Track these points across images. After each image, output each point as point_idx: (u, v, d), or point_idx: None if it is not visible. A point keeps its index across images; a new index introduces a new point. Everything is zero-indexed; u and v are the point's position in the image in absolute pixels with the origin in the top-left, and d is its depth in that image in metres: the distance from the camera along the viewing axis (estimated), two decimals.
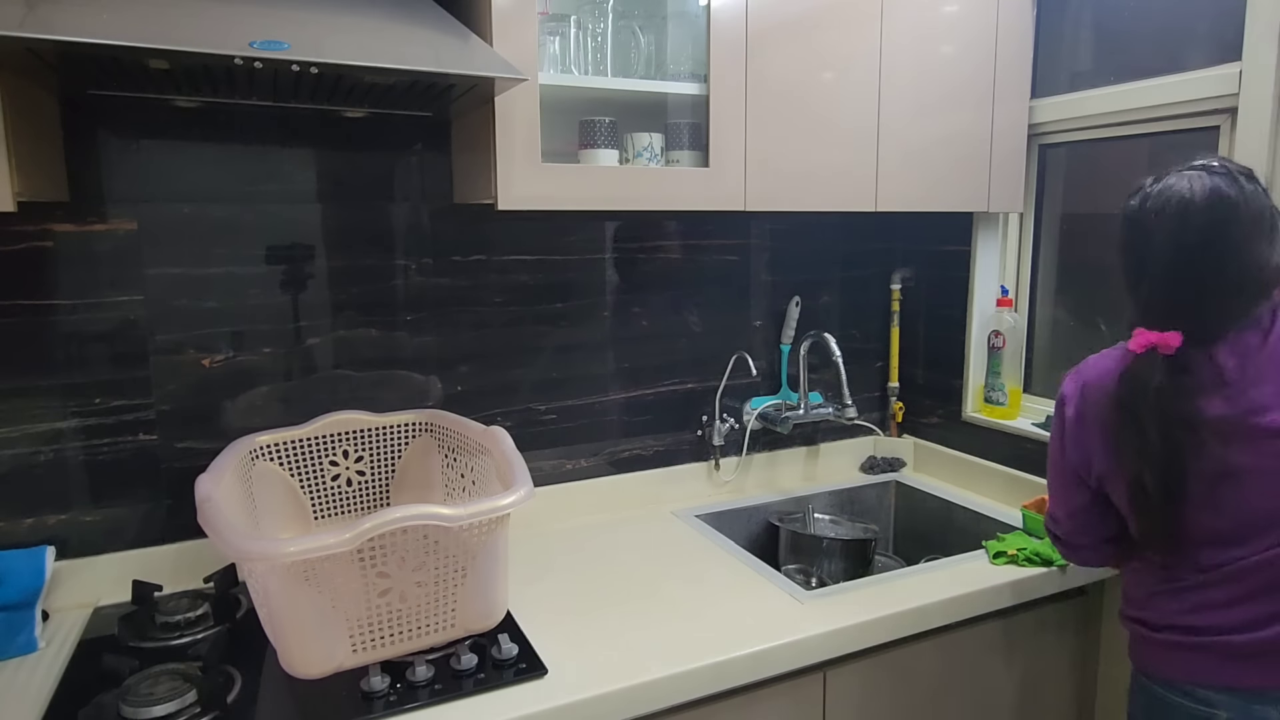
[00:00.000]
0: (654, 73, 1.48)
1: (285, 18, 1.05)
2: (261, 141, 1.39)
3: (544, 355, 1.66)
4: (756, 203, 1.49)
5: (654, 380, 1.78)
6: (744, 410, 1.86)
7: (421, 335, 1.54)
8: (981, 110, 1.70)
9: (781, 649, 1.19)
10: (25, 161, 1.06)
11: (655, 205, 1.41)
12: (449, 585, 1.11)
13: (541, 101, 1.29)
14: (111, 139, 1.30)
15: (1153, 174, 1.10)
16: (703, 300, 1.80)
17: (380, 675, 1.07)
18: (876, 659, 1.30)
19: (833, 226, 1.93)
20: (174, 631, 1.22)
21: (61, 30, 0.89)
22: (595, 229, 1.67)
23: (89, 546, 1.35)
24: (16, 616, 1.20)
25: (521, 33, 1.26)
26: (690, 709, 1.15)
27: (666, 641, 1.19)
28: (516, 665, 1.12)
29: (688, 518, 1.70)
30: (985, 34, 1.68)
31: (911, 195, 1.63)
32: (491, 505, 1.07)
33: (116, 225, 1.32)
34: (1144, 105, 1.59)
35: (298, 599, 1.01)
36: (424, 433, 1.48)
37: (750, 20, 1.43)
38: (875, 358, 2.06)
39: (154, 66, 1.04)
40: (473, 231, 1.56)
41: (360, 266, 1.48)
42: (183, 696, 1.03)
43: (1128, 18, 1.66)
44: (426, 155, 1.51)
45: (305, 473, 1.41)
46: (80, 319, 1.31)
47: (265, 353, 1.43)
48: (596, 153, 1.41)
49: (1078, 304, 1.82)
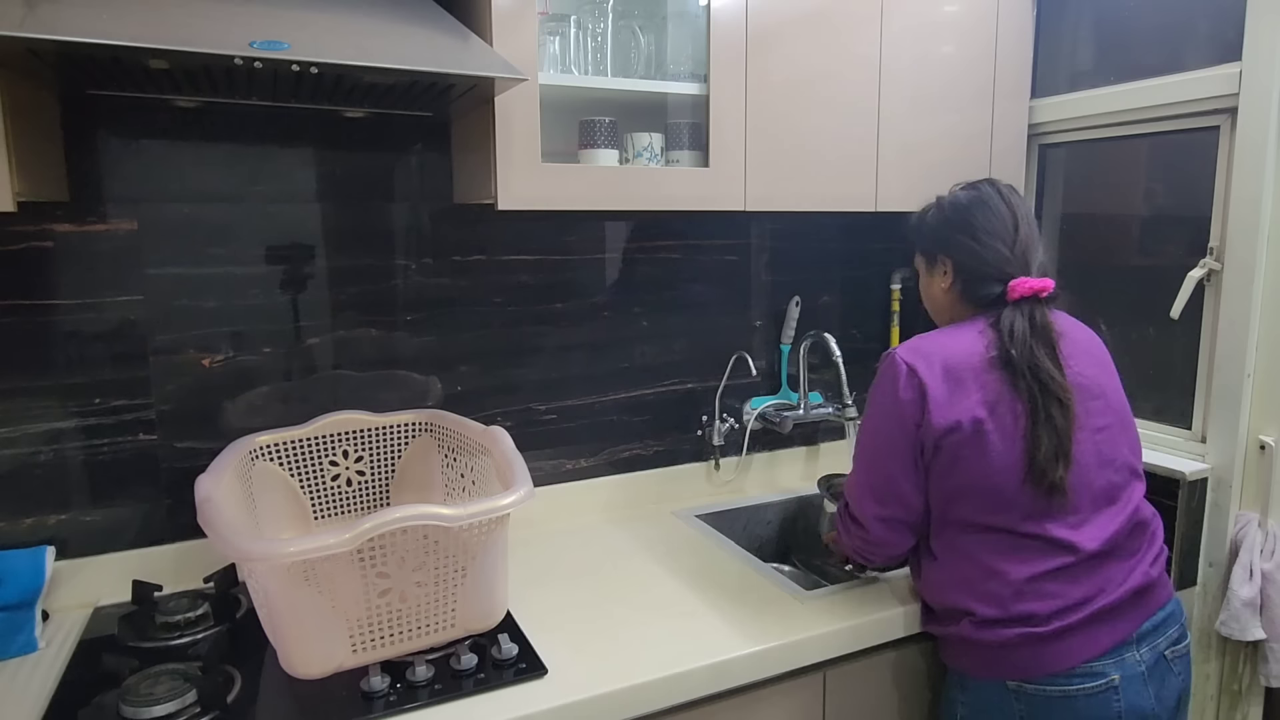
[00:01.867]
0: (654, 73, 1.48)
1: (285, 18, 1.05)
2: (261, 141, 1.39)
3: (544, 355, 1.66)
4: (756, 203, 1.49)
5: (654, 380, 1.77)
6: (744, 410, 1.86)
7: (421, 335, 1.54)
8: (981, 110, 1.70)
9: (781, 649, 1.19)
10: (25, 161, 1.06)
11: (655, 205, 1.41)
12: (449, 585, 1.11)
13: (541, 101, 1.29)
14: (111, 139, 1.30)
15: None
16: (703, 300, 1.80)
17: (380, 675, 1.07)
18: (876, 659, 1.30)
19: (833, 226, 1.93)
20: (174, 631, 1.22)
21: (61, 30, 0.89)
22: (595, 229, 1.67)
23: (89, 546, 1.35)
24: (16, 616, 1.20)
25: (521, 33, 1.26)
26: (690, 709, 1.15)
27: (666, 641, 1.19)
28: (516, 665, 1.12)
29: (688, 518, 1.70)
30: (985, 34, 1.68)
31: (912, 195, 1.63)
32: (491, 505, 1.07)
33: (116, 225, 1.32)
34: (1144, 105, 1.59)
35: (298, 599, 1.01)
36: (424, 433, 1.48)
37: (750, 20, 1.43)
38: (875, 358, 2.05)
39: (154, 66, 1.04)
40: (473, 231, 1.56)
41: (360, 266, 1.48)
42: (183, 696, 1.03)
43: (1128, 18, 1.66)
44: (426, 155, 1.51)
45: (305, 473, 1.41)
46: (80, 319, 1.31)
47: (265, 353, 1.43)
48: (596, 153, 1.41)
49: (1077, 303, 1.82)
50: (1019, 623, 1.12)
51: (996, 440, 1.12)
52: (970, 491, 1.15)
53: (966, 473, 1.14)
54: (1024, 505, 1.13)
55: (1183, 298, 1.53)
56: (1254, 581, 1.43)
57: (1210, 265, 1.50)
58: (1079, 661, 1.11)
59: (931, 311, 1.34)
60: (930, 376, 1.15)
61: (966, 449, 1.13)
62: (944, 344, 1.18)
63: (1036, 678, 1.12)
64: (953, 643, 1.21)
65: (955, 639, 1.19)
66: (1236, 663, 1.50)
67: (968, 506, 1.16)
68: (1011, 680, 1.14)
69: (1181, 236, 1.59)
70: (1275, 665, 1.42)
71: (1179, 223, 1.60)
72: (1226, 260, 1.47)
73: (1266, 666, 1.43)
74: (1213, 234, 1.51)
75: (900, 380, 1.16)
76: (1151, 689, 1.14)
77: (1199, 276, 1.51)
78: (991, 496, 1.14)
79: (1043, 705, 1.12)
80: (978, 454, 1.13)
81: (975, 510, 1.15)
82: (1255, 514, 1.46)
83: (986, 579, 1.14)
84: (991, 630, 1.13)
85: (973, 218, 1.23)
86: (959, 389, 1.14)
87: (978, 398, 1.13)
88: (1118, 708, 1.12)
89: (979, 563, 1.15)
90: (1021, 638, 1.12)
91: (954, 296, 1.26)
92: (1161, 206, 1.66)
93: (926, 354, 1.17)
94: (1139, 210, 1.69)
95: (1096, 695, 1.11)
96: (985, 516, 1.15)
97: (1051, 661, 1.12)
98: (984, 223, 1.22)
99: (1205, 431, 1.55)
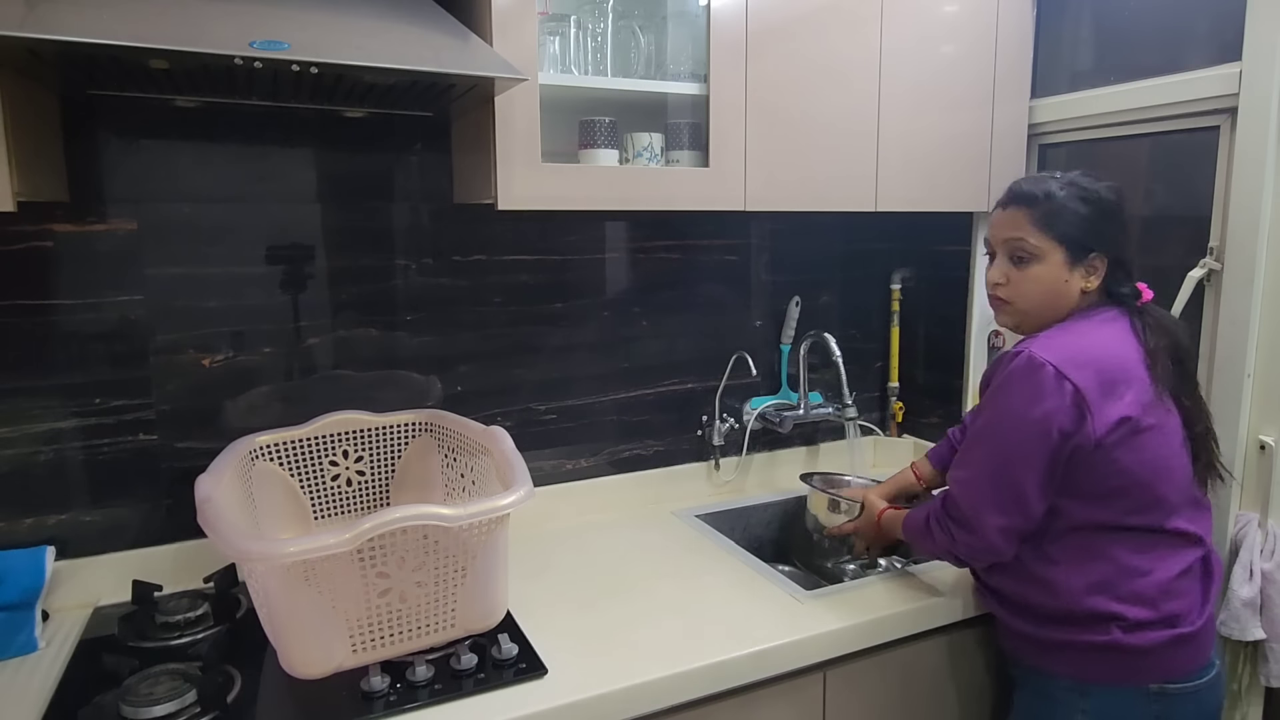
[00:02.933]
0: (654, 73, 1.48)
1: (285, 18, 1.05)
2: (261, 141, 1.39)
3: (544, 355, 1.66)
4: (756, 203, 1.49)
5: (654, 380, 1.77)
6: (744, 410, 1.86)
7: (421, 335, 1.54)
8: (981, 110, 1.70)
9: (781, 649, 1.19)
10: (25, 161, 1.06)
11: (655, 205, 1.41)
12: (449, 585, 1.11)
13: (541, 101, 1.29)
14: (111, 139, 1.30)
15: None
16: (703, 300, 1.80)
17: (380, 675, 1.07)
18: (876, 659, 1.30)
19: (833, 226, 1.93)
20: (174, 631, 1.22)
21: (62, 30, 0.89)
22: (595, 229, 1.67)
23: (89, 546, 1.35)
24: (16, 616, 1.20)
25: (521, 33, 1.26)
26: (690, 709, 1.15)
27: (666, 641, 1.19)
28: (516, 665, 1.12)
29: (688, 518, 1.70)
30: (985, 34, 1.67)
31: (911, 195, 1.63)
32: (491, 505, 1.07)
33: (116, 225, 1.32)
34: (1144, 105, 1.59)
35: (298, 599, 1.01)
36: (424, 433, 1.48)
37: (750, 20, 1.43)
38: (875, 358, 2.06)
39: (154, 66, 1.04)
40: (473, 231, 1.56)
41: (360, 266, 1.48)
42: (183, 696, 1.03)
43: (1128, 18, 1.66)
44: (426, 155, 1.51)
45: (305, 473, 1.41)
46: (80, 319, 1.31)
47: (265, 353, 1.43)
48: (596, 153, 1.41)
49: None
50: (1168, 624, 1.11)
51: (1154, 437, 1.11)
52: (1124, 492, 1.12)
53: (1123, 474, 1.11)
54: (1172, 502, 1.13)
55: (1183, 298, 1.53)
56: (1254, 581, 1.42)
57: (1210, 265, 1.50)
58: (1210, 656, 1.14)
59: (1040, 304, 1.20)
60: (1084, 381, 1.09)
61: (1122, 450, 1.10)
62: (1091, 344, 1.13)
63: (1178, 677, 1.12)
64: (1080, 648, 1.15)
65: (1088, 644, 1.14)
66: (1236, 663, 1.50)
67: (1116, 508, 1.12)
68: (1154, 683, 1.12)
69: (1181, 236, 1.59)
70: (1275, 665, 1.42)
71: (1179, 223, 1.60)
72: (1226, 260, 1.47)
73: (1266, 666, 1.43)
74: (1213, 234, 1.51)
75: (1047, 386, 1.09)
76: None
77: (1199, 276, 1.51)
78: (1147, 494, 1.12)
79: (1178, 703, 1.13)
80: (1134, 453, 1.10)
81: (1123, 511, 1.12)
82: (1255, 514, 1.46)
83: (1129, 579, 1.12)
84: (1141, 634, 1.11)
85: (1125, 215, 1.19)
86: (1113, 391, 1.10)
87: (1131, 398, 1.10)
88: (1221, 692, 1.17)
89: (1119, 563, 1.12)
90: (1171, 639, 1.11)
91: (1090, 295, 1.19)
92: (1161, 206, 1.66)
93: (1074, 357, 1.11)
94: (1139, 210, 1.69)
95: (1213, 685, 1.14)
96: (1132, 517, 1.12)
97: (1192, 659, 1.13)
98: (1130, 223, 1.20)
99: None
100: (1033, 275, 1.18)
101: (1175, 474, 1.14)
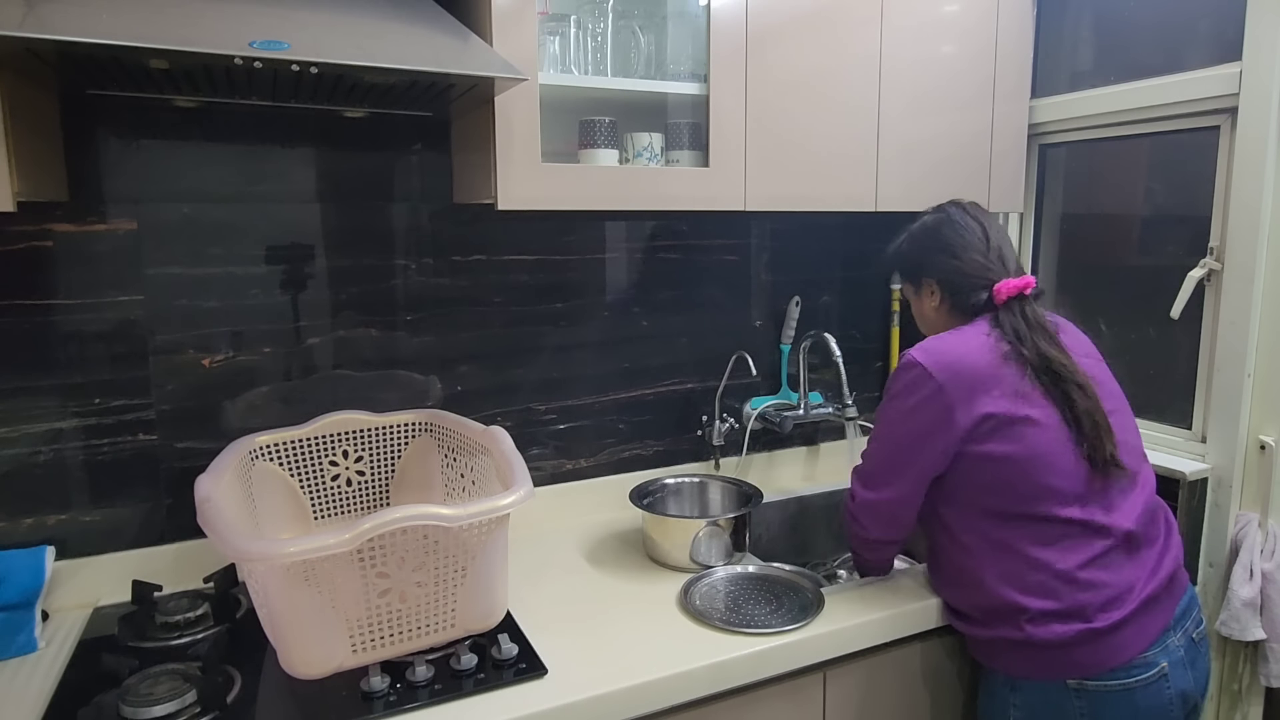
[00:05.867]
0: (654, 73, 1.48)
1: (285, 18, 1.05)
2: (261, 141, 1.39)
3: (544, 355, 1.66)
4: (756, 203, 1.49)
5: (654, 380, 1.77)
6: (744, 410, 1.86)
7: (421, 335, 1.54)
8: (981, 110, 1.70)
9: (781, 649, 1.19)
10: (25, 161, 1.06)
11: (655, 205, 1.41)
12: (449, 585, 1.11)
13: (541, 101, 1.29)
14: (111, 139, 1.30)
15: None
16: (703, 300, 1.80)
17: (380, 675, 1.07)
18: (876, 659, 1.30)
19: (833, 226, 1.93)
20: (174, 631, 1.22)
21: (61, 30, 0.89)
22: (595, 229, 1.67)
23: (89, 546, 1.35)
24: (16, 616, 1.20)
25: (521, 33, 1.26)
26: (690, 709, 1.15)
27: (666, 641, 1.19)
28: (516, 665, 1.12)
29: None
30: (985, 34, 1.68)
31: (912, 195, 1.63)
32: (491, 505, 1.07)
33: (116, 225, 1.32)
34: (1144, 105, 1.59)
35: (297, 599, 1.01)
36: (424, 433, 1.48)
37: (750, 20, 1.43)
38: (875, 358, 2.06)
39: (154, 66, 1.04)
40: (473, 231, 1.56)
41: (360, 266, 1.48)
42: (182, 697, 1.03)
43: (1128, 18, 1.66)
44: (426, 155, 1.51)
45: (305, 473, 1.41)
46: (80, 319, 1.31)
47: (265, 353, 1.43)
48: (596, 153, 1.41)
49: (1077, 303, 1.82)
50: (1075, 617, 1.12)
51: (1029, 429, 1.14)
52: (1007, 482, 1.15)
53: (1001, 464, 1.15)
54: (1065, 491, 1.14)
55: (1183, 298, 1.53)
56: (1254, 581, 1.43)
57: (1210, 265, 1.50)
58: (1136, 653, 1.13)
59: (927, 332, 1.36)
60: (947, 378, 1.17)
61: (995, 442, 1.15)
62: (954, 346, 1.20)
63: (1097, 674, 1.13)
64: (1002, 645, 1.19)
65: (1006, 641, 1.18)
66: (1236, 663, 1.50)
67: (1005, 496, 1.16)
68: (1072, 679, 1.14)
69: (1181, 236, 1.59)
70: (1275, 665, 1.42)
71: (1179, 223, 1.60)
72: (1226, 260, 1.47)
73: (1266, 666, 1.43)
74: (1213, 234, 1.51)
75: (917, 382, 1.19)
76: (1190, 671, 1.16)
77: (1199, 276, 1.51)
78: (1029, 484, 1.14)
79: (1103, 701, 1.13)
80: (1009, 444, 1.14)
81: (1013, 500, 1.16)
82: (1255, 514, 1.46)
83: (1033, 570, 1.14)
84: (1047, 626, 1.13)
85: (944, 236, 1.30)
86: (978, 387, 1.16)
87: (998, 391, 1.15)
88: (1169, 694, 1.14)
89: (1024, 554, 1.15)
90: (1080, 634, 1.12)
91: (945, 312, 1.32)
92: (1161, 206, 1.66)
93: (940, 358, 1.18)
94: (1139, 210, 1.69)
95: (1151, 684, 1.13)
96: (1022, 505, 1.15)
97: (1110, 656, 1.12)
98: (955, 238, 1.29)
99: (1205, 431, 1.54)
100: (914, 311, 1.40)
101: (1060, 463, 1.14)
